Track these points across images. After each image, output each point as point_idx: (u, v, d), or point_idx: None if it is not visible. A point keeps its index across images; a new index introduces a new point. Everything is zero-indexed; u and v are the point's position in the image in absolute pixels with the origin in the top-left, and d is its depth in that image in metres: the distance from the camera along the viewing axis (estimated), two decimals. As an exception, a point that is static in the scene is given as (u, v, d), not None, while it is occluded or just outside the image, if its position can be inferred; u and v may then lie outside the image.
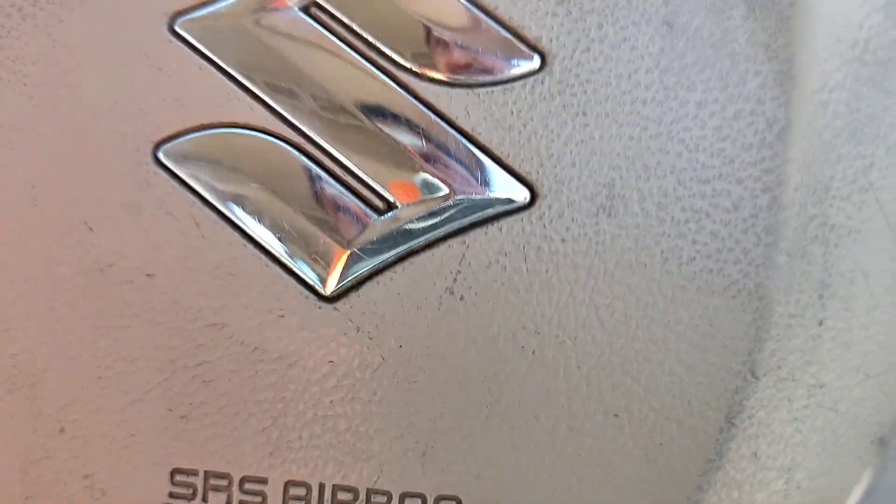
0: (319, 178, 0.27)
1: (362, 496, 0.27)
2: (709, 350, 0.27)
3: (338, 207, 0.27)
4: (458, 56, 0.27)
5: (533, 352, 0.27)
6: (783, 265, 0.27)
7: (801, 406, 0.27)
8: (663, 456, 0.27)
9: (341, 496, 0.27)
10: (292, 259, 0.27)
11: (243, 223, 0.27)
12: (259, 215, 0.27)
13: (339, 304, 0.27)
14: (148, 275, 0.27)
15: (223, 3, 0.27)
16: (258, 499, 0.28)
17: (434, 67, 0.27)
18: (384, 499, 0.27)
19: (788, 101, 0.27)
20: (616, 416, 0.27)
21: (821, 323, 0.27)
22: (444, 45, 0.27)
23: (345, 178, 0.27)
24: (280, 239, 0.27)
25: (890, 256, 0.28)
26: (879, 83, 0.28)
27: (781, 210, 0.27)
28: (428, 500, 0.27)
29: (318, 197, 0.27)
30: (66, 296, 0.27)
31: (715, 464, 0.27)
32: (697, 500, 0.27)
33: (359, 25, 0.27)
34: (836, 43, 0.27)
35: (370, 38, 0.27)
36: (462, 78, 0.27)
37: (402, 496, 0.27)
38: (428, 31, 0.27)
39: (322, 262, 0.27)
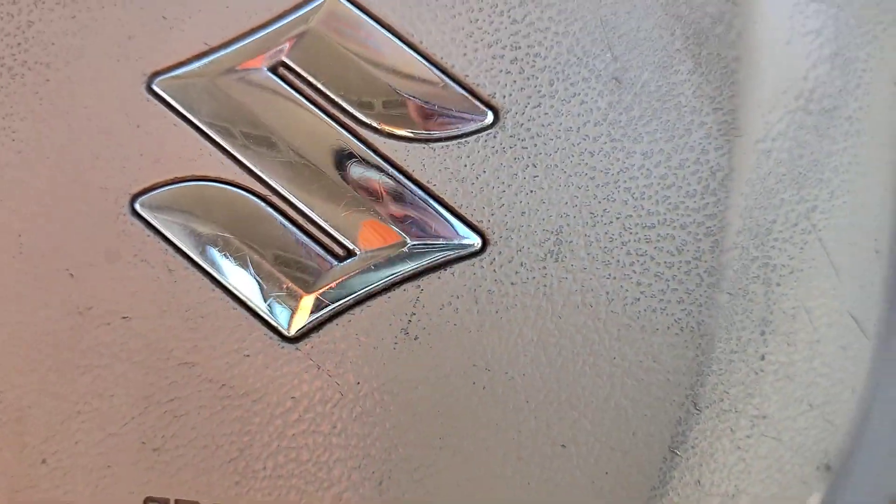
0: (284, 227, 0.28)
1: (322, 523, 0.28)
2: (653, 384, 0.27)
3: (301, 254, 0.28)
4: (415, 113, 0.28)
5: (484, 387, 0.27)
6: (725, 304, 0.28)
7: (744, 436, 0.28)
8: (609, 484, 0.27)
9: (303, 523, 0.28)
10: (258, 303, 0.28)
11: (213, 269, 0.28)
12: (228, 262, 0.28)
13: (301, 345, 0.28)
14: (124, 317, 0.28)
15: (197, 64, 0.28)
16: (225, 526, 0.28)
17: (393, 123, 0.28)
18: (342, 526, 0.28)
19: (732, 151, 0.28)
20: (563, 446, 0.27)
21: (763, 357, 0.28)
22: (402, 102, 0.28)
23: (308, 227, 0.28)
24: (247, 284, 0.28)
25: (833, 293, 0.28)
26: (824, 131, 0.28)
27: (723, 253, 0.28)
28: (383, 526, 0.28)
29: (283, 245, 0.28)
30: (49, 337, 0.28)
31: (659, 491, 0.27)
32: None
33: (323, 84, 0.28)
34: (781, 94, 0.28)
35: (333, 96, 0.28)
36: (419, 133, 0.28)
37: (360, 523, 0.28)
38: (388, 89, 0.28)
39: (286, 305, 0.28)
